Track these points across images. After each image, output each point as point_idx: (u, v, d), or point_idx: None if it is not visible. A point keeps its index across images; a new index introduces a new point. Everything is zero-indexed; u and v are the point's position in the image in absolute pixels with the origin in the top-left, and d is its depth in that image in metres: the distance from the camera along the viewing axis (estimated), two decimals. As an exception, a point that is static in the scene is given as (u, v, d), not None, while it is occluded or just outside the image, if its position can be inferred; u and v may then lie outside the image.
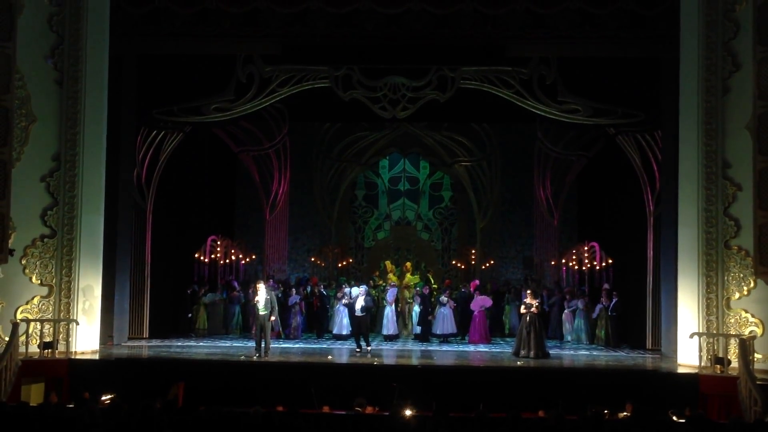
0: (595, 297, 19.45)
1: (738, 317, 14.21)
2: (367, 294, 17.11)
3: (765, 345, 13.94)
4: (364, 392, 11.94)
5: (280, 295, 19.59)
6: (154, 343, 17.38)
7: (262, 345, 15.26)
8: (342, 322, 18.61)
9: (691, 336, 14.28)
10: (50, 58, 14.96)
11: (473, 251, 24.38)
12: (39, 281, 14.81)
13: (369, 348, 16.29)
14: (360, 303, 16.57)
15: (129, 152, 17.11)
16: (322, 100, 18.31)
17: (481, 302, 18.78)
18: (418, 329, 19.33)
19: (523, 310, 16.36)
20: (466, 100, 17.99)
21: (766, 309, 14.03)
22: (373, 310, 18.45)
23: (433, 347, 17.87)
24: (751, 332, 13.99)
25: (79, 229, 14.96)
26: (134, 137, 17.31)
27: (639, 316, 17.59)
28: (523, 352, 15.75)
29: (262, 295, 15.44)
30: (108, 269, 15.88)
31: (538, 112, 17.34)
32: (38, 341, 14.42)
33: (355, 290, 17.24)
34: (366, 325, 16.80)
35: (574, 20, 16.15)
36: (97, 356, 15.00)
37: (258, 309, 15.42)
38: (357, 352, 16.26)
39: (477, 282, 20.71)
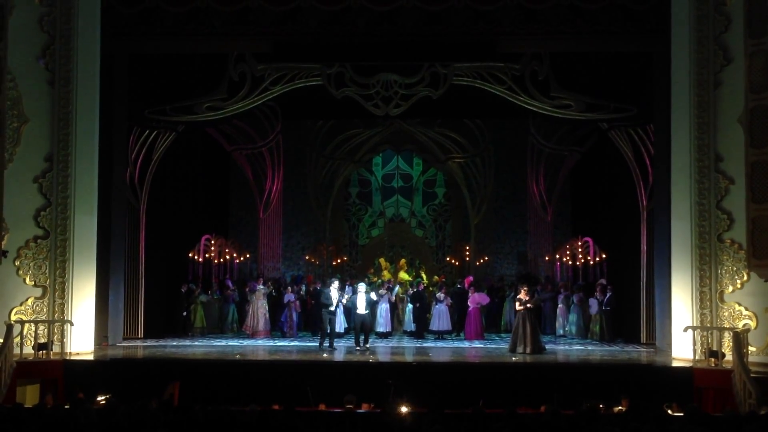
0: (589, 292, 19.48)
1: (732, 310, 14.25)
2: (367, 291, 17.13)
3: (759, 338, 13.97)
4: (360, 390, 11.94)
5: (274, 293, 19.60)
6: (149, 343, 17.35)
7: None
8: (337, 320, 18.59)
9: (685, 329, 14.32)
10: (41, 58, 14.90)
11: (467, 247, 24.41)
12: (33, 282, 14.77)
13: (368, 346, 16.25)
14: (363, 300, 16.54)
15: (121, 152, 17.06)
16: (314, 98, 18.31)
17: (477, 299, 18.79)
18: (411, 326, 19.35)
19: (518, 306, 16.35)
20: (459, 97, 18.03)
21: (759, 302, 14.06)
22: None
23: (429, 344, 17.89)
24: (744, 325, 14.03)
25: (73, 229, 14.91)
26: (126, 137, 17.26)
27: (633, 310, 17.62)
28: (519, 349, 15.72)
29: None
30: (102, 269, 15.83)
31: (531, 108, 17.34)
32: (33, 342, 14.36)
33: (361, 286, 17.16)
34: (369, 322, 16.77)
35: (565, 15, 16.14)
36: (92, 357, 14.96)
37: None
38: (357, 349, 16.21)
39: (471, 278, 20.71)
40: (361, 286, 17.20)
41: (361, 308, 16.52)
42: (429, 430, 8.14)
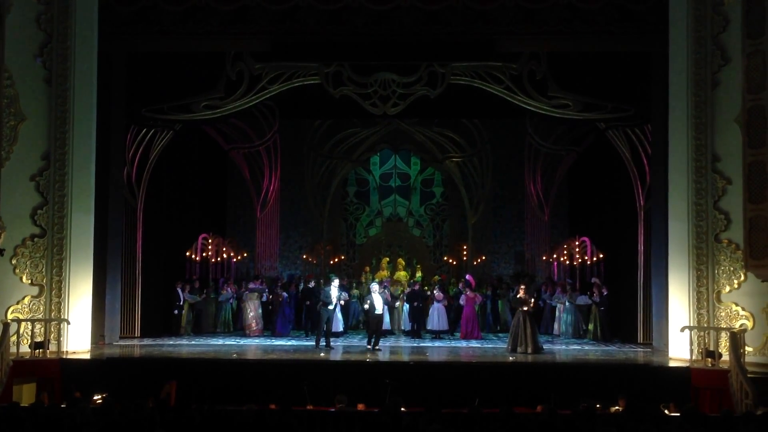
0: (586, 291, 19.49)
1: (728, 310, 14.26)
2: (381, 291, 17.10)
3: (755, 338, 13.99)
4: (357, 389, 11.94)
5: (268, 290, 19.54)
6: (146, 342, 17.33)
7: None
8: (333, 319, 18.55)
9: (682, 329, 14.33)
10: (39, 56, 14.88)
11: (465, 247, 24.41)
12: (29, 281, 14.74)
13: (378, 348, 16.17)
14: (380, 300, 16.47)
15: (119, 150, 17.04)
16: (312, 97, 18.28)
17: (471, 298, 18.79)
18: (408, 325, 19.33)
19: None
20: (457, 96, 18.00)
21: (756, 302, 14.08)
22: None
23: (426, 343, 17.88)
24: (741, 325, 14.05)
25: (69, 228, 14.88)
26: (124, 135, 17.24)
27: (630, 310, 17.64)
28: (520, 349, 15.61)
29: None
30: (99, 268, 15.80)
31: (529, 108, 17.36)
32: (29, 341, 14.34)
33: (374, 286, 17.06)
34: (382, 323, 16.73)
35: (563, 15, 16.15)
36: (88, 356, 14.93)
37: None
38: (368, 349, 16.08)
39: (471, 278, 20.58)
40: (375, 286, 17.05)
41: (379, 308, 16.42)
42: (426, 429, 8.14)
